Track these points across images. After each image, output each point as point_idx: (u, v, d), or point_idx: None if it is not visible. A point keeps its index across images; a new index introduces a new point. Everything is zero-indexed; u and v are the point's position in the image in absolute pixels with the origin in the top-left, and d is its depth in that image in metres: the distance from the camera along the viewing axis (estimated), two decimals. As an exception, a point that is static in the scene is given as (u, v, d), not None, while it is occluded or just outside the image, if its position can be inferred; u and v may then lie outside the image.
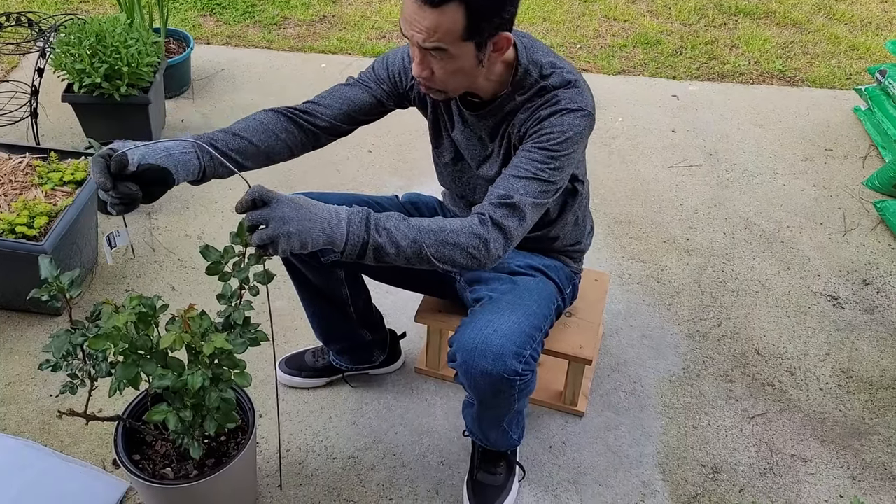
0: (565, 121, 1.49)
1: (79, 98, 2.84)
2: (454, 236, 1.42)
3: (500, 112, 1.59)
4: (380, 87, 1.70)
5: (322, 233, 1.34)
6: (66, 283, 1.41)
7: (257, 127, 1.60)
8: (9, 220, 2.11)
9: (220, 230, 2.72)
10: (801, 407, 2.16)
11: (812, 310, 2.48)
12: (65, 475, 1.85)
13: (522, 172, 1.48)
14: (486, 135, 1.64)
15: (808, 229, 2.83)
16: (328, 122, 1.68)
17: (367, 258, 1.39)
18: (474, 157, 1.70)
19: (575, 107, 1.50)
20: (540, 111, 1.52)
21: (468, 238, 1.42)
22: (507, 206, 1.45)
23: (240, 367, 1.48)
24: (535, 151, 1.49)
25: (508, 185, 1.47)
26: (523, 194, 1.46)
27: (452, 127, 1.70)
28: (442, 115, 1.71)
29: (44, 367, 1.44)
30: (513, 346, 1.52)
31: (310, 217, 1.33)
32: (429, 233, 1.40)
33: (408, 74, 1.68)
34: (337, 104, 1.69)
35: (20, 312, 2.34)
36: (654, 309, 2.47)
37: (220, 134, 1.55)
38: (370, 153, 3.17)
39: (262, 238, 1.30)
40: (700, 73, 3.83)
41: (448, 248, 1.41)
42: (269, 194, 1.31)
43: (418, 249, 1.40)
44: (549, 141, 1.49)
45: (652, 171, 3.12)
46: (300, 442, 2.02)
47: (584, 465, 1.99)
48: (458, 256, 1.42)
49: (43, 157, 2.42)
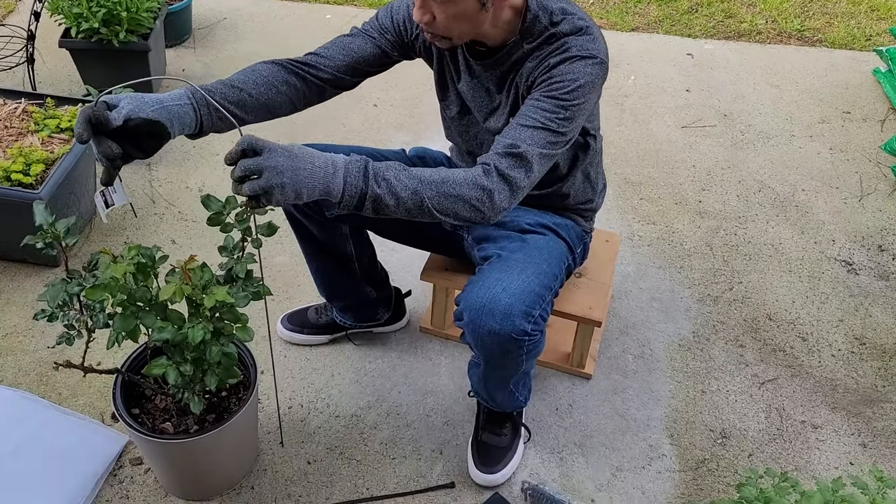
0: (576, 68, 1.42)
1: (76, 44, 2.76)
2: (457, 188, 1.34)
3: (507, 61, 1.52)
4: (384, 37, 1.63)
5: (317, 182, 1.26)
6: (62, 231, 1.36)
7: (257, 80, 1.53)
8: (4, 166, 2.05)
9: (221, 183, 2.65)
10: (813, 373, 2.12)
11: (826, 275, 2.43)
12: (63, 428, 1.82)
13: (530, 122, 1.41)
14: (493, 86, 1.58)
15: (823, 193, 2.76)
16: (331, 74, 1.61)
17: (366, 210, 1.32)
18: (481, 109, 1.63)
19: (586, 54, 1.43)
20: (549, 59, 1.45)
21: (471, 190, 1.35)
22: (513, 156, 1.38)
23: (242, 322, 1.43)
24: (543, 100, 1.42)
25: (515, 134, 1.40)
26: (531, 144, 1.39)
27: (459, 79, 1.63)
28: (448, 66, 1.64)
29: (39, 316, 1.39)
30: (522, 305, 1.48)
31: (304, 166, 1.25)
32: (430, 184, 1.33)
33: (413, 23, 1.61)
34: (340, 55, 1.61)
35: (17, 262, 2.29)
36: (665, 272, 2.42)
37: (219, 86, 1.48)
38: (376, 107, 3.09)
39: (254, 188, 1.22)
40: (716, 31, 3.72)
41: (450, 199, 1.34)
42: (261, 143, 1.24)
43: (419, 201, 1.33)
44: (559, 90, 1.41)
45: (665, 132, 3.04)
46: (302, 399, 1.98)
47: (590, 428, 1.95)
48: (460, 209, 1.35)
49: (39, 104, 2.35)
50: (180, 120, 1.36)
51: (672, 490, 1.82)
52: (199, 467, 1.67)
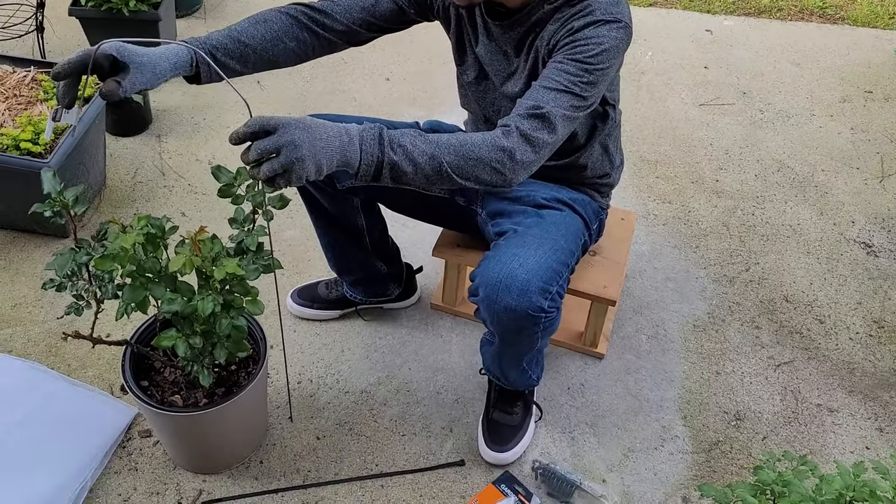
0: (600, 32, 1.37)
1: (86, 12, 2.72)
2: (476, 150, 1.29)
3: (526, 22, 1.47)
4: (402, 1, 1.59)
5: (335, 153, 1.20)
6: (71, 199, 1.33)
7: (265, 34, 1.49)
8: (13, 135, 2.02)
9: (231, 155, 2.62)
10: (830, 356, 2.09)
11: (844, 257, 2.39)
12: (72, 399, 1.81)
13: (553, 84, 1.36)
14: (511, 49, 1.53)
15: (843, 174, 2.71)
16: (346, 26, 1.57)
17: (384, 179, 1.27)
18: (498, 73, 1.59)
19: (611, 18, 1.38)
20: (572, 21, 1.40)
21: (491, 151, 1.30)
22: (536, 116, 1.33)
23: (252, 295, 1.41)
24: (567, 63, 1.37)
25: (538, 96, 1.35)
26: (554, 105, 1.34)
27: (476, 42, 1.59)
28: (466, 29, 1.60)
29: (47, 286, 1.37)
30: (539, 281, 1.45)
31: (321, 136, 1.19)
32: (448, 147, 1.28)
33: None
34: (357, 7, 1.57)
35: (26, 233, 2.27)
36: (680, 251, 2.38)
37: (221, 39, 1.44)
38: (388, 81, 3.05)
39: (274, 168, 1.15)
40: (736, 7, 3.65)
41: (470, 162, 1.29)
42: (273, 121, 1.17)
43: (437, 166, 1.27)
44: (583, 53, 1.37)
45: (682, 109, 2.99)
46: (312, 374, 1.97)
47: (602, 408, 1.93)
48: (481, 172, 1.30)
49: (48, 72, 2.31)
50: (175, 56, 1.33)
51: (685, 472, 1.80)
52: (207, 440, 1.66)
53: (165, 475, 1.72)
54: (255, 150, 1.15)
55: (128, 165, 2.56)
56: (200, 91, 2.92)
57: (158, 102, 2.83)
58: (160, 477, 1.72)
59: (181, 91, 2.91)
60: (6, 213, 2.21)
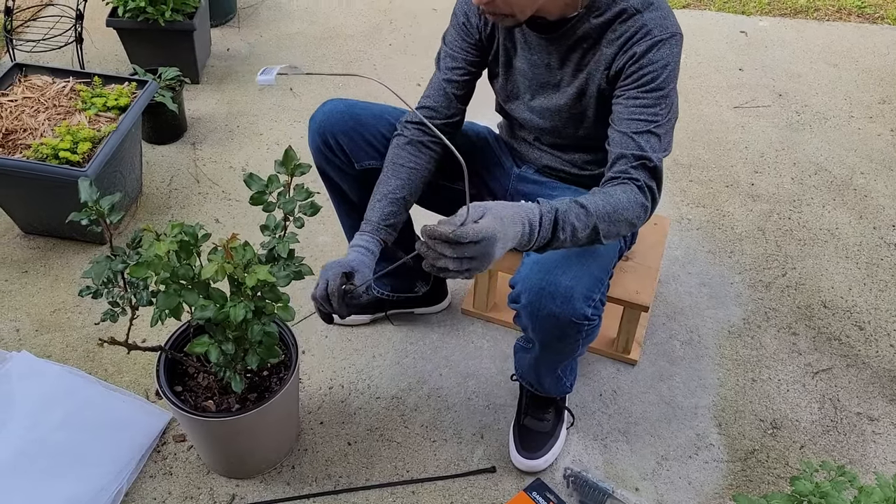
0: (664, 53, 1.40)
1: (123, 23, 2.77)
2: (625, 213, 1.34)
3: (572, 36, 1.47)
4: (466, 50, 1.64)
5: (510, 241, 1.20)
6: (107, 207, 1.36)
7: (409, 176, 1.63)
8: (52, 144, 2.07)
9: (265, 162, 2.65)
10: (870, 364, 2.04)
11: (885, 262, 2.33)
12: (108, 404, 1.84)
13: (642, 126, 1.40)
14: (555, 61, 1.53)
15: (883, 176, 2.65)
16: (445, 121, 1.68)
17: None
18: (538, 85, 1.59)
19: (668, 34, 1.41)
20: (633, 47, 1.41)
21: (635, 211, 1.36)
22: (647, 168, 1.39)
23: (283, 301, 1.42)
24: (643, 97, 1.41)
25: (636, 144, 1.39)
26: (654, 152, 1.40)
27: (515, 53, 1.59)
28: (505, 43, 1.60)
29: (84, 293, 1.40)
30: (582, 288, 1.44)
31: (506, 233, 1.16)
32: (603, 216, 1.31)
33: (476, 17, 1.60)
34: (444, 102, 1.66)
35: (65, 240, 2.32)
36: (715, 256, 2.35)
37: (383, 208, 1.60)
38: (419, 86, 3.06)
39: (464, 273, 1.14)
40: (771, 8, 3.59)
41: (618, 225, 1.34)
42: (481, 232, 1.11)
43: (594, 235, 1.31)
44: (655, 80, 1.40)
45: (716, 112, 2.95)
46: (343, 380, 1.98)
47: (635, 415, 1.91)
48: (622, 229, 1.36)
49: (87, 82, 2.36)
50: (376, 257, 1.58)
51: (720, 481, 1.77)
52: (240, 446, 1.67)
53: (199, 479, 1.74)
54: (455, 262, 1.13)
55: (163, 173, 2.60)
56: (234, 98, 2.96)
57: (193, 111, 2.87)
58: (194, 481, 1.74)
59: (215, 99, 2.95)
60: (46, 220, 2.26)
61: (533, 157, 1.77)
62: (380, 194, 1.62)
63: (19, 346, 2.01)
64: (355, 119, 1.72)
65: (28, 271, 2.23)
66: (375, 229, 1.59)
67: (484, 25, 1.60)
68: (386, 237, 1.60)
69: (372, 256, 1.56)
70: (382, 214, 1.60)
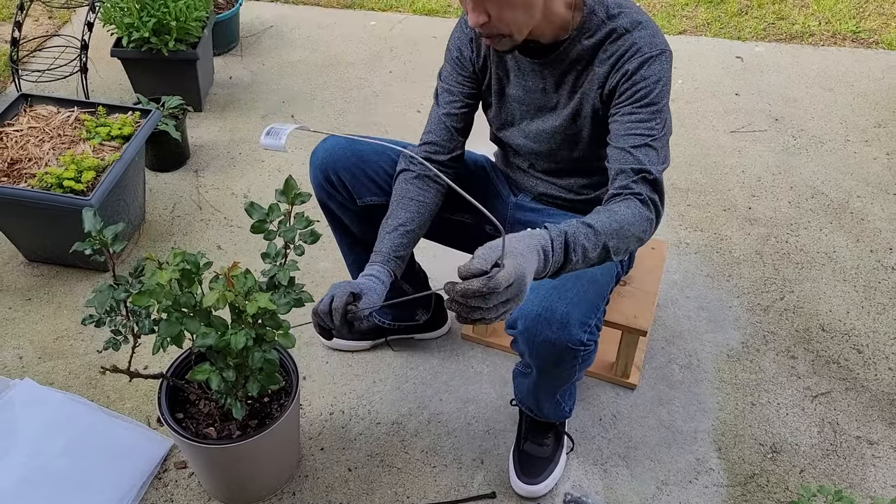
0: (654, 69, 1.43)
1: (127, 53, 2.82)
2: (632, 227, 1.34)
3: (565, 59, 1.50)
4: (462, 84, 1.67)
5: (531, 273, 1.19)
6: (110, 237, 1.38)
7: (419, 210, 1.65)
8: (57, 174, 2.10)
9: (266, 189, 2.68)
10: (869, 387, 2.05)
11: (882, 285, 2.34)
12: (110, 431, 1.85)
13: (639, 140, 1.42)
14: (550, 85, 1.56)
15: (879, 200, 2.67)
16: (449, 156, 1.71)
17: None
18: (536, 108, 1.62)
19: (657, 51, 1.44)
20: (626, 65, 1.44)
21: (642, 225, 1.36)
22: (648, 182, 1.40)
23: (283, 328, 1.44)
24: (638, 112, 1.43)
25: (635, 158, 1.41)
26: (654, 165, 1.41)
27: (508, 81, 1.62)
28: (498, 72, 1.63)
29: (86, 321, 1.42)
30: (579, 314, 1.45)
31: (529, 268, 1.14)
32: (611, 233, 1.31)
33: (471, 48, 1.63)
34: (445, 136, 1.69)
35: (68, 267, 2.34)
36: (713, 280, 2.36)
37: (393, 240, 1.61)
38: (419, 113, 3.09)
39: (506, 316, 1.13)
40: (767, 33, 3.64)
41: (626, 240, 1.34)
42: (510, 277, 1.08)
43: (604, 254, 1.31)
44: (648, 95, 1.43)
45: (713, 136, 2.98)
46: (344, 405, 1.99)
47: (635, 440, 1.91)
48: (631, 244, 1.36)
49: (91, 112, 2.40)
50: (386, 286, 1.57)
51: (720, 505, 1.77)
52: (241, 472, 1.68)
53: (200, 506, 1.75)
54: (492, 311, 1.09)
55: (166, 200, 2.63)
56: (236, 126, 3.00)
57: (196, 138, 2.91)
58: (195, 508, 1.75)
59: (218, 127, 2.99)
60: (50, 248, 2.28)
61: (528, 184, 1.79)
62: (390, 227, 1.63)
63: (22, 373, 2.03)
64: (357, 155, 1.74)
65: (32, 299, 2.25)
66: (386, 260, 1.60)
67: (476, 57, 1.63)
68: (395, 268, 1.61)
69: (382, 286, 1.56)
70: (392, 246, 1.61)
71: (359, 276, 1.57)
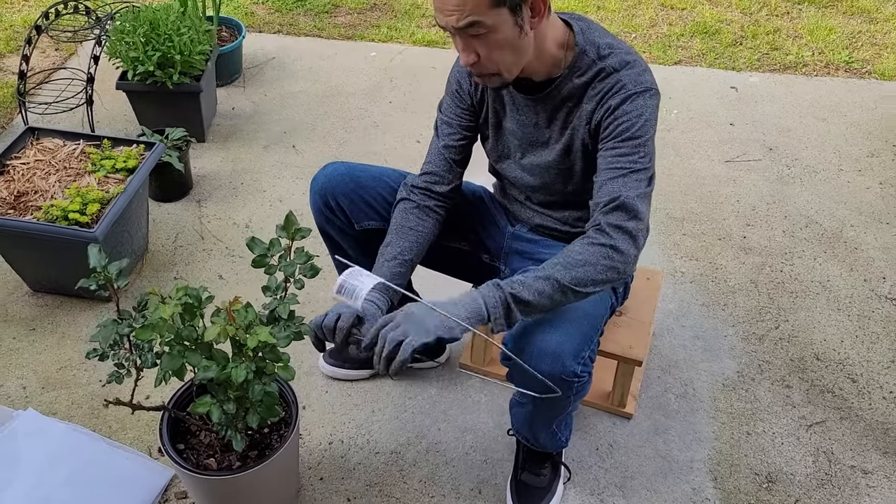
0: (638, 105, 1.46)
1: (132, 86, 2.87)
2: (580, 256, 1.40)
3: (557, 96, 1.54)
4: (461, 116, 1.71)
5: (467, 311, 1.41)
6: (114, 274, 1.41)
7: (417, 239, 1.70)
8: (62, 206, 2.14)
9: (268, 219, 2.72)
10: (863, 416, 2.06)
11: (876, 314, 2.37)
12: (112, 461, 1.87)
13: (617, 172, 1.45)
14: (543, 120, 1.60)
15: (873, 229, 2.70)
16: (450, 187, 1.75)
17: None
18: (529, 143, 1.66)
19: (642, 88, 1.47)
20: (608, 101, 1.48)
21: (595, 253, 1.41)
22: (616, 209, 1.43)
23: (283, 361, 1.47)
24: (619, 146, 1.46)
25: (609, 189, 1.45)
26: (627, 191, 1.43)
27: (505, 114, 1.66)
28: (495, 106, 1.67)
29: (90, 355, 1.45)
30: (572, 346, 1.48)
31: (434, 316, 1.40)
32: (557, 268, 1.40)
33: (469, 76, 1.67)
34: (443, 167, 1.74)
35: (72, 297, 2.37)
36: (708, 309, 2.39)
37: (392, 269, 1.65)
38: (418, 143, 3.14)
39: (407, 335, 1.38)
40: (761, 64, 3.70)
41: (581, 270, 1.39)
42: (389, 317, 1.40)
43: (558, 288, 1.39)
44: (630, 129, 1.46)
45: (708, 166, 3.02)
46: (343, 435, 2.01)
47: (631, 469, 1.93)
48: (595, 274, 1.40)
49: (96, 145, 2.45)
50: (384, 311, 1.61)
51: (715, 535, 1.79)
52: (241, 503, 1.70)
53: (200, 536, 1.77)
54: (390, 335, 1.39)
55: (169, 230, 2.67)
56: (238, 156, 3.04)
57: (199, 168, 2.95)
58: (195, 538, 1.76)
59: (220, 157, 3.04)
60: (55, 278, 2.32)
61: (525, 216, 1.82)
62: (388, 255, 1.67)
63: (25, 403, 2.05)
64: (356, 181, 1.79)
65: (36, 329, 2.28)
66: (384, 288, 1.64)
67: (474, 90, 1.68)
68: (392, 296, 1.65)
69: (381, 313, 1.60)
70: (391, 275, 1.64)
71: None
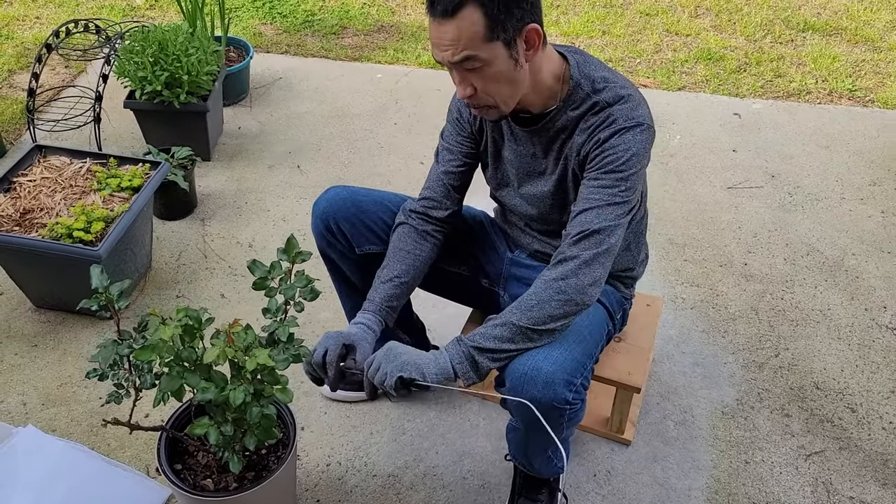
0: (626, 139, 1.47)
1: (140, 105, 2.90)
2: (534, 296, 1.48)
3: (552, 127, 1.56)
4: (461, 143, 1.74)
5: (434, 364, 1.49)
6: (115, 294, 1.43)
7: (414, 262, 1.73)
8: (67, 224, 2.16)
9: (271, 238, 2.74)
10: (862, 447, 2.06)
11: (877, 343, 2.37)
12: (109, 479, 1.87)
13: (594, 203, 1.49)
14: (539, 151, 1.62)
15: (874, 258, 2.70)
16: (448, 212, 1.78)
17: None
18: (527, 173, 1.67)
19: (633, 123, 1.48)
20: (598, 133, 1.49)
21: (547, 289, 1.47)
22: (584, 237, 1.47)
23: (282, 383, 1.47)
24: (602, 178, 1.48)
25: (580, 220, 1.49)
26: (600, 221, 1.47)
27: (503, 144, 1.68)
28: (493, 135, 1.69)
29: (90, 375, 1.46)
30: (564, 373, 1.48)
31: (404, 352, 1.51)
32: (514, 312, 1.47)
33: (467, 111, 1.70)
34: (442, 192, 1.76)
35: (75, 314, 2.39)
36: (708, 336, 2.39)
37: (386, 291, 1.69)
38: (422, 165, 3.16)
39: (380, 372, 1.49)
40: (764, 91, 3.72)
41: (534, 310, 1.47)
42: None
43: (517, 331, 1.46)
44: (614, 163, 1.47)
45: (710, 192, 3.03)
46: (341, 457, 2.01)
47: (629, 497, 1.92)
48: (551, 310, 1.47)
49: (103, 163, 2.47)
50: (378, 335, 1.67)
51: (712, 565, 1.77)
52: (237, 524, 1.69)
53: (195, 557, 1.76)
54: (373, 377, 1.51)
55: (172, 248, 2.68)
56: (243, 176, 3.07)
57: (204, 187, 2.98)
58: (190, 559, 1.76)
59: (225, 176, 3.06)
60: (58, 295, 2.33)
61: (525, 242, 1.84)
62: (384, 277, 1.69)
63: (26, 419, 2.06)
64: (357, 206, 1.81)
65: (38, 345, 2.29)
66: (378, 309, 1.66)
67: (474, 119, 1.70)
68: (387, 318, 1.66)
69: (373, 335, 1.62)
70: (385, 296, 1.67)
71: (350, 324, 1.64)
